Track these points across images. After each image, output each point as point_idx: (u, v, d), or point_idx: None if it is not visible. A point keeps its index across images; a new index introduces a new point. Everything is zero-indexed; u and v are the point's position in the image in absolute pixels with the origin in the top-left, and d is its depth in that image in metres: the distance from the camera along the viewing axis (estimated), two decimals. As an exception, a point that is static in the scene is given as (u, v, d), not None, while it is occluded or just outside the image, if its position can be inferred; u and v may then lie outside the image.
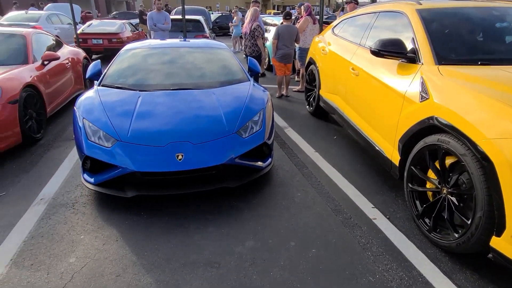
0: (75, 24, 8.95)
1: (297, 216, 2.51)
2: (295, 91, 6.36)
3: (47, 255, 2.09)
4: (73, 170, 3.20)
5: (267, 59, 7.92)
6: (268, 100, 3.22)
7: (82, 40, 9.31)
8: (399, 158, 2.52)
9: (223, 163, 2.55)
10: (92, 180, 2.59)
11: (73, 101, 5.22)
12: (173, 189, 2.59)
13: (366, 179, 3.06)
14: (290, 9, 33.61)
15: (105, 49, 9.77)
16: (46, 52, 4.51)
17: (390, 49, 2.63)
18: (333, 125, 4.53)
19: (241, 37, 12.06)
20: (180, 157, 2.50)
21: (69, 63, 5.23)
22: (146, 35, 12.68)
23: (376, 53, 2.69)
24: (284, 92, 6.05)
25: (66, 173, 3.14)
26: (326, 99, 4.26)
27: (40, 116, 3.97)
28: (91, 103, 2.95)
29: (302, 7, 6.29)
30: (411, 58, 2.57)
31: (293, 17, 6.83)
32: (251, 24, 5.89)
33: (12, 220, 2.44)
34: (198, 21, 8.86)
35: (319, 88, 4.52)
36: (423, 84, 2.32)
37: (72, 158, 3.45)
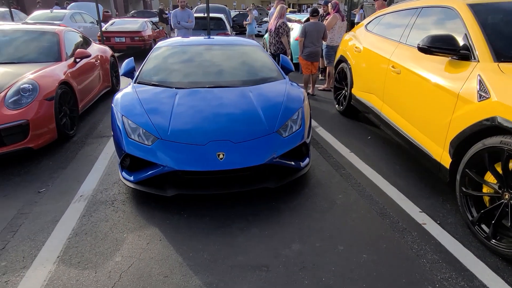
0: (100, 22, 9.06)
1: (342, 219, 2.42)
2: (320, 89, 6.25)
3: (93, 253, 2.07)
4: (108, 168, 3.20)
5: (289, 57, 7.80)
6: (305, 99, 3.13)
7: (105, 38, 9.44)
8: (450, 160, 2.40)
9: (264, 163, 2.48)
10: (131, 178, 2.57)
11: (101, 99, 5.30)
12: (213, 188, 2.54)
13: (408, 181, 2.94)
14: (306, 7, 33.16)
15: (128, 47, 9.87)
16: (78, 49, 4.54)
17: (441, 46, 2.50)
18: (365, 124, 4.40)
19: (256, 35, 11.99)
20: (221, 156, 2.44)
21: (98, 61, 5.27)
22: (166, 34, 12.75)
23: (425, 49, 2.56)
24: (310, 91, 5.95)
25: (102, 170, 3.14)
26: (360, 98, 4.13)
27: (73, 113, 4.00)
28: (129, 100, 2.93)
29: (330, 4, 6.15)
30: (464, 55, 2.44)
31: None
32: (277, 21, 5.80)
33: (54, 216, 2.44)
34: (220, 19, 8.83)
35: (351, 86, 4.40)
36: (481, 82, 2.19)
37: (105, 156, 3.46)
